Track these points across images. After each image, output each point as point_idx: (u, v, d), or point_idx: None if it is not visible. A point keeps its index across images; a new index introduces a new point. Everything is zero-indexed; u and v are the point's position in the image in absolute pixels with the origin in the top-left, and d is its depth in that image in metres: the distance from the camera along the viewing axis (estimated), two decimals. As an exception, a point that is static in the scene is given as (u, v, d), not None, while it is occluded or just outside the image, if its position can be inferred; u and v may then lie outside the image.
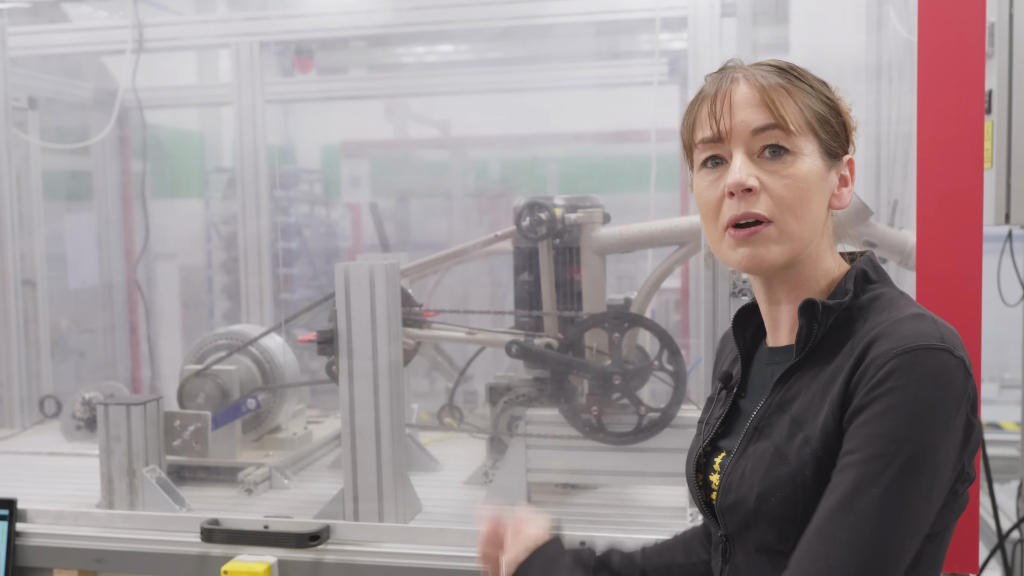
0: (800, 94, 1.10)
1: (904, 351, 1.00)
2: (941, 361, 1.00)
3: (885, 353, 1.01)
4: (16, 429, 3.22)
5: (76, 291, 3.81)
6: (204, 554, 2.07)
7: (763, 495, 1.07)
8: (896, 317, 1.06)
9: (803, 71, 1.14)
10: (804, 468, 1.05)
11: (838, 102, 1.15)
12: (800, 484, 1.05)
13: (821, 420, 1.05)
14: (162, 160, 4.12)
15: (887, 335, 1.03)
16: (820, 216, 1.11)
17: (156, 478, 2.29)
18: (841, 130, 1.13)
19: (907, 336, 1.02)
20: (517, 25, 3.25)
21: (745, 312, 1.24)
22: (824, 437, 1.04)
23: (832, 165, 1.12)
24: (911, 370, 1.00)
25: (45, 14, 3.37)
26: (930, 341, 1.01)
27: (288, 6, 3.46)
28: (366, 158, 4.61)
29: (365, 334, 2.11)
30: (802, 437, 1.06)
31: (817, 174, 1.09)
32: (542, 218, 2.33)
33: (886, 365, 1.00)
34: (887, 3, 2.45)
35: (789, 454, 1.07)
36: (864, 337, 1.06)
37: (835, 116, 1.13)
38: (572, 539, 1.96)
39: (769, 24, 3.06)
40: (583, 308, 2.37)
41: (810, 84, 1.12)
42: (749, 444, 1.12)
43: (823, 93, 1.13)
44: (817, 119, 1.10)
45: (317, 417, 3.09)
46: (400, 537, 2.06)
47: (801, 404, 1.09)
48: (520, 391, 2.46)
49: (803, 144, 1.08)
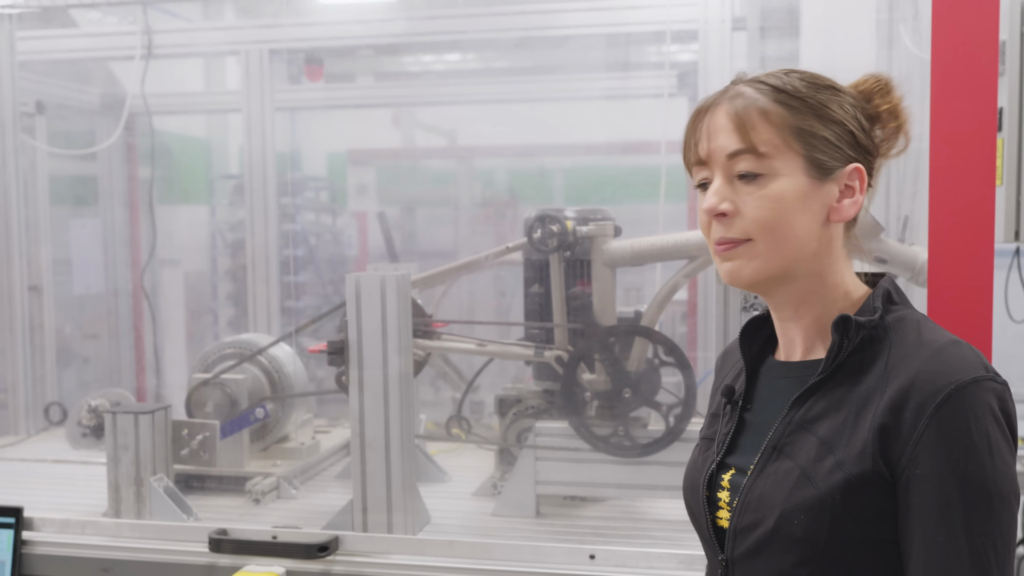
0: (782, 112, 1.07)
1: (959, 388, 0.99)
2: (993, 390, 1.01)
3: (939, 392, 1.00)
4: (21, 436, 3.21)
5: (81, 297, 3.80)
6: (212, 564, 2.06)
7: (785, 516, 1.04)
8: (936, 346, 1.04)
9: (797, 85, 1.09)
10: (834, 492, 1.03)
11: (838, 111, 1.09)
12: (828, 508, 1.03)
13: (859, 446, 1.03)
14: (169, 166, 4.12)
15: (932, 371, 1.01)
16: (807, 233, 1.08)
17: (164, 487, 2.29)
18: (843, 140, 1.08)
19: (955, 370, 1.01)
20: (528, 36, 3.26)
21: (754, 324, 1.22)
22: (860, 463, 1.02)
23: (824, 178, 1.07)
24: (974, 407, 0.99)
25: (55, 19, 3.37)
26: (978, 372, 1.01)
27: (300, 14, 3.47)
28: (373, 166, 4.61)
29: (376, 345, 2.10)
30: (833, 461, 1.04)
31: (796, 192, 1.07)
32: (553, 230, 2.33)
33: (945, 407, 0.99)
34: (898, 21, 2.46)
35: (816, 477, 1.04)
36: (901, 363, 1.04)
37: (832, 126, 1.08)
38: (581, 551, 1.96)
39: (780, 38, 3.07)
40: (593, 321, 2.37)
41: (803, 98, 1.08)
42: (768, 463, 1.09)
43: (819, 105, 1.08)
44: (799, 136, 1.07)
45: (324, 427, 3.08)
46: (409, 549, 2.05)
47: (830, 426, 1.06)
48: (529, 403, 2.46)
49: (780, 165, 1.06)
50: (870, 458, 1.02)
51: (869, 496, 1.02)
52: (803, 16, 2.53)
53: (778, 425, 1.10)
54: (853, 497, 1.02)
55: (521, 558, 1.98)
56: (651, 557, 1.92)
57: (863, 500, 1.02)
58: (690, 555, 1.92)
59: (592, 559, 1.94)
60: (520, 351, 2.44)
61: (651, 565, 1.92)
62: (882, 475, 1.02)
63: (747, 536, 1.08)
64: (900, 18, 2.45)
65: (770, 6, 3.14)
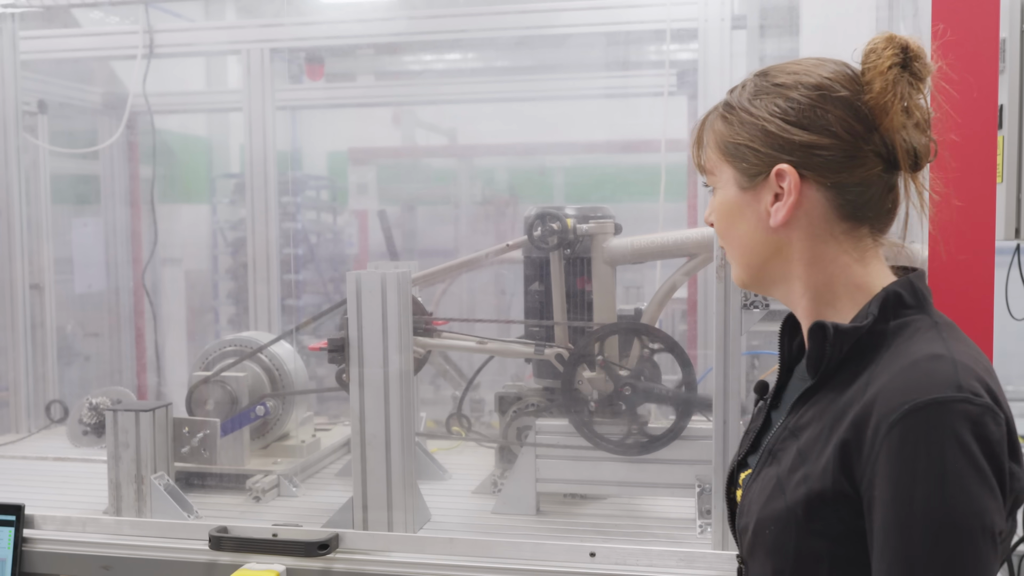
0: (722, 127, 1.09)
1: (913, 408, 0.91)
2: (961, 413, 0.90)
3: (894, 410, 0.92)
4: (23, 434, 3.22)
5: (82, 295, 3.81)
6: (212, 562, 2.06)
7: (760, 524, 1.04)
8: (911, 359, 0.96)
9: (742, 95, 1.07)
10: (797, 506, 0.99)
11: (761, 112, 1.05)
12: (792, 522, 0.99)
13: (823, 462, 0.98)
14: (170, 165, 4.12)
15: (895, 388, 0.94)
16: (752, 240, 1.08)
17: (164, 485, 2.29)
18: (763, 142, 1.05)
19: (916, 387, 0.92)
20: (528, 35, 3.26)
21: (793, 319, 1.17)
22: (822, 479, 0.97)
23: (751, 186, 1.06)
24: (929, 430, 0.90)
25: (57, 19, 3.37)
26: (945, 392, 0.91)
27: (301, 13, 3.47)
28: (373, 165, 4.61)
29: (376, 342, 2.11)
30: (802, 473, 1.00)
31: (730, 203, 1.09)
32: (554, 228, 2.33)
33: (897, 427, 0.91)
34: (898, 19, 2.46)
35: (787, 487, 1.01)
36: (879, 376, 0.97)
37: (751, 130, 1.05)
38: (582, 549, 1.97)
39: (780, 37, 3.07)
40: (594, 319, 2.37)
41: (738, 108, 1.07)
42: (763, 467, 1.08)
43: (743, 112, 1.06)
44: (727, 148, 1.08)
45: (325, 424, 3.09)
46: (410, 546, 2.05)
47: (809, 436, 1.02)
48: (530, 400, 2.46)
49: (719, 178, 1.11)
50: (831, 475, 0.97)
51: (833, 513, 0.97)
52: (803, 14, 2.53)
53: (776, 429, 1.10)
54: (815, 513, 0.98)
55: (522, 556, 1.98)
56: (652, 555, 1.93)
57: (826, 517, 0.97)
58: (690, 552, 1.92)
59: (593, 557, 1.94)
60: (521, 349, 2.44)
61: (651, 563, 1.92)
62: (844, 493, 0.96)
63: (743, 539, 1.09)
64: (900, 16, 2.45)
65: (770, 4, 3.14)
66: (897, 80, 1.01)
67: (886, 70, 1.01)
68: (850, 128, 1.03)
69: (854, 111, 1.03)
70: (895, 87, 1.01)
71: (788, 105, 1.04)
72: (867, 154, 1.03)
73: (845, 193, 1.04)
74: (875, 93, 1.02)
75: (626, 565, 1.93)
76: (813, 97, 1.04)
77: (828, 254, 1.06)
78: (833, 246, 1.06)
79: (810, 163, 1.04)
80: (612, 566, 1.93)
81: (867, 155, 1.03)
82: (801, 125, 1.04)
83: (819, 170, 1.04)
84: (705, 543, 2.06)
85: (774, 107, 1.05)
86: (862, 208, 1.05)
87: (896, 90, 1.01)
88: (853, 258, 1.06)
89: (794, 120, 1.04)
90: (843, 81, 1.04)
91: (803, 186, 1.04)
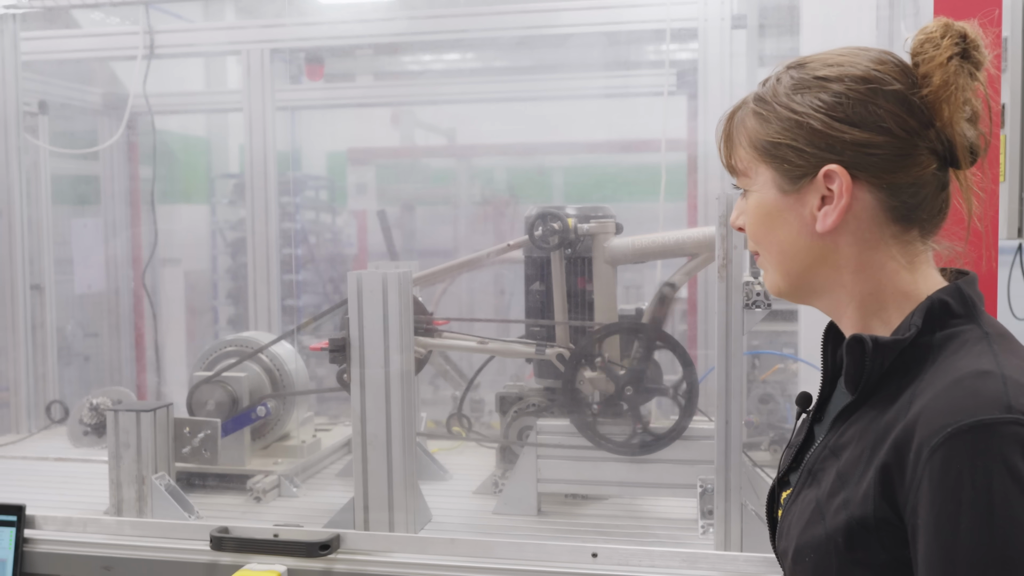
0: (756, 125, 1.01)
1: (956, 432, 0.83)
2: (1011, 436, 0.82)
3: (935, 433, 0.84)
4: (23, 434, 3.21)
5: (83, 296, 3.80)
6: (213, 562, 2.06)
7: (799, 551, 0.97)
8: (956, 376, 0.88)
9: (778, 90, 1.00)
10: (837, 533, 0.92)
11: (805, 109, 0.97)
12: (833, 550, 0.92)
13: (864, 487, 0.91)
14: (170, 166, 4.12)
15: (937, 408, 0.86)
16: (793, 247, 1.00)
17: (165, 485, 2.28)
18: (809, 142, 0.97)
19: (960, 408, 0.84)
20: (528, 35, 3.26)
21: (835, 328, 1.08)
22: (863, 506, 0.90)
23: (794, 189, 0.98)
24: (974, 456, 0.82)
25: (58, 20, 3.37)
26: (992, 413, 0.83)
27: (301, 14, 3.47)
28: (372, 165, 4.61)
29: (377, 343, 2.10)
30: (842, 498, 0.93)
31: (768, 207, 1.01)
32: (555, 228, 2.33)
33: (939, 451, 0.84)
34: (899, 18, 2.46)
35: (827, 513, 0.94)
36: (923, 394, 0.89)
37: (796, 130, 0.97)
38: (583, 550, 1.97)
39: (780, 36, 3.07)
40: (595, 318, 2.37)
41: (774, 104, 0.99)
42: (803, 488, 1.00)
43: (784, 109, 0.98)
44: (764, 148, 1.00)
45: (325, 425, 3.09)
46: (411, 547, 2.05)
47: (849, 457, 0.95)
48: (531, 401, 2.46)
49: (753, 179, 1.02)
50: (872, 501, 0.90)
51: (876, 542, 0.90)
52: (803, 14, 2.53)
53: (816, 447, 1.02)
54: (857, 541, 0.91)
55: (523, 556, 1.97)
56: (654, 555, 1.92)
57: (868, 546, 0.91)
58: (693, 553, 1.92)
59: (594, 557, 1.94)
60: (521, 349, 2.44)
61: (654, 563, 1.92)
62: (887, 520, 0.89)
63: (783, 562, 1.03)
64: (901, 15, 2.45)
65: (770, 4, 3.14)
66: (958, 72, 0.94)
67: (946, 62, 0.93)
68: (904, 124, 0.95)
69: (908, 105, 0.95)
70: (956, 79, 0.93)
71: (835, 100, 0.96)
72: (922, 151, 0.95)
73: (899, 194, 0.96)
74: (934, 87, 0.94)
75: (628, 566, 1.93)
76: (862, 91, 0.95)
77: (876, 260, 0.98)
78: (882, 252, 0.98)
79: (862, 163, 0.95)
80: (614, 567, 1.93)
81: (922, 152, 0.95)
82: (851, 122, 0.95)
83: (872, 170, 0.95)
84: (707, 544, 2.06)
85: (818, 102, 0.96)
86: (915, 210, 0.97)
87: (958, 83, 0.94)
88: (901, 264, 0.98)
89: (843, 116, 0.95)
90: (893, 73, 0.96)
91: (854, 188, 0.96)
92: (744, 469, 1.98)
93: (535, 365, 2.50)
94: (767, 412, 2.75)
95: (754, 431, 2.70)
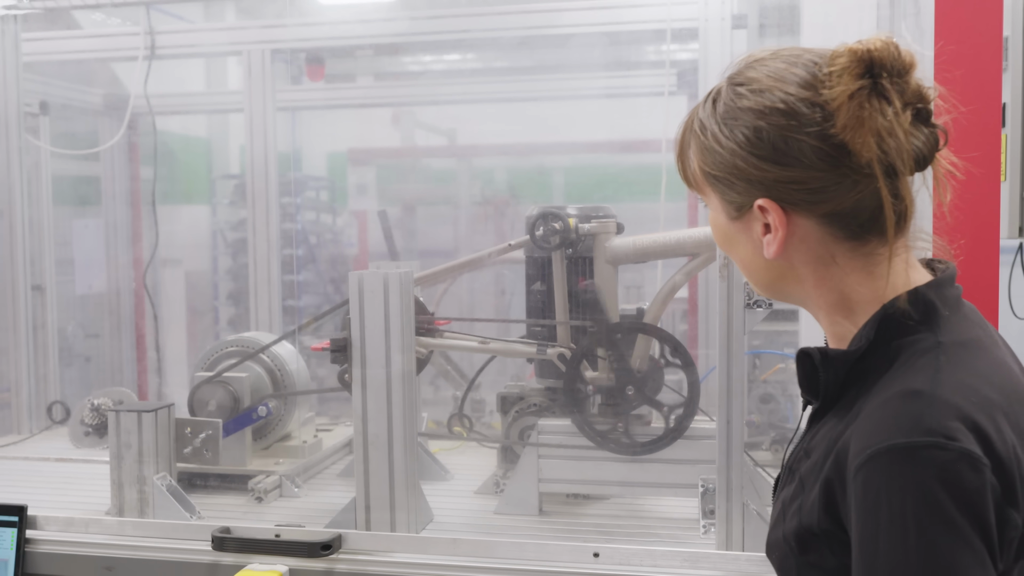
0: (697, 150, 0.99)
1: (874, 455, 0.84)
2: (926, 460, 0.82)
3: (858, 454, 0.85)
4: (24, 435, 3.21)
5: (83, 296, 3.81)
6: (215, 563, 2.06)
7: (769, 548, 1.01)
8: (887, 395, 0.88)
9: (714, 115, 0.96)
10: (791, 537, 0.95)
11: (728, 143, 0.95)
12: (789, 552, 0.95)
13: (812, 497, 0.93)
14: (170, 166, 4.12)
15: (862, 429, 0.87)
16: (754, 264, 1.01)
17: (167, 485, 2.29)
18: (741, 176, 0.95)
19: (882, 429, 0.85)
20: (528, 36, 3.26)
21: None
22: (810, 514, 0.92)
23: (741, 217, 0.98)
24: (889, 480, 0.82)
25: (59, 20, 3.37)
26: (910, 436, 0.83)
27: (302, 14, 3.47)
28: (373, 166, 4.61)
29: (378, 343, 2.10)
30: (798, 504, 0.95)
31: (723, 227, 1.02)
32: (556, 228, 2.33)
33: (860, 473, 0.85)
34: (900, 18, 2.46)
35: (787, 515, 0.97)
36: (865, 409, 0.90)
37: (732, 169, 0.95)
38: (585, 550, 1.97)
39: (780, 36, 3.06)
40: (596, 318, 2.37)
41: (709, 137, 0.96)
42: (784, 486, 1.03)
43: (713, 142, 0.96)
44: (707, 176, 0.99)
45: (326, 425, 3.09)
46: (413, 547, 2.05)
47: (811, 463, 0.96)
48: (532, 400, 2.46)
49: (708, 198, 1.03)
50: (816, 512, 0.91)
51: (824, 549, 0.91)
52: (803, 13, 2.53)
53: (797, 446, 1.04)
54: (807, 546, 0.93)
55: (525, 556, 1.97)
56: (656, 555, 1.92)
57: (818, 550, 0.92)
58: (695, 553, 1.92)
59: (596, 557, 1.94)
60: (523, 349, 2.44)
61: (655, 563, 1.92)
62: (831, 531, 0.90)
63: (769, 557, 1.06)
64: (901, 14, 2.45)
65: (770, 3, 3.14)
66: (862, 106, 0.88)
67: (847, 100, 0.88)
68: (825, 156, 0.91)
69: (827, 138, 0.90)
70: (860, 114, 0.88)
71: (756, 137, 0.93)
72: (853, 177, 0.91)
73: (838, 219, 0.94)
74: (839, 126, 0.89)
75: (630, 565, 1.93)
76: (782, 125, 0.91)
77: (835, 274, 0.97)
78: (840, 266, 0.97)
79: (790, 197, 0.93)
80: (616, 566, 1.93)
81: (853, 178, 0.91)
82: (773, 159, 0.92)
83: (802, 204, 0.93)
84: (709, 543, 2.06)
85: (742, 138, 0.94)
86: (863, 226, 0.94)
87: (861, 118, 0.88)
88: (865, 273, 0.96)
89: (764, 154, 0.93)
90: (812, 98, 0.91)
91: (792, 216, 0.94)
92: (745, 469, 1.98)
93: (536, 365, 2.50)
94: (768, 412, 2.75)
95: (755, 431, 2.70)
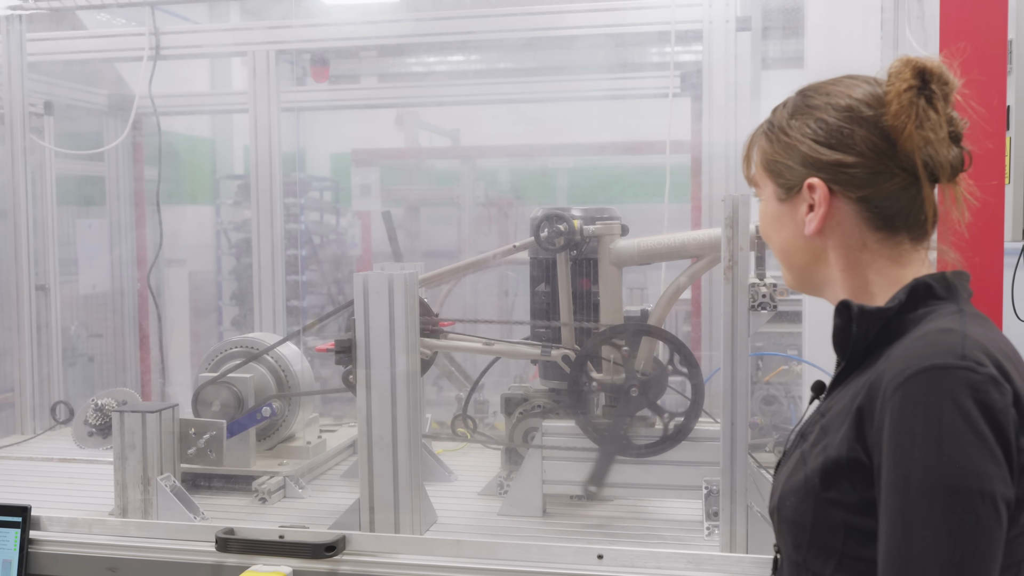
0: (765, 144, 1.20)
1: (915, 373, 0.96)
2: (961, 379, 0.95)
3: (898, 375, 0.98)
4: (28, 435, 3.22)
5: (87, 296, 3.81)
6: (219, 563, 2.06)
7: (783, 497, 1.10)
8: (922, 332, 1.02)
9: (782, 115, 1.18)
10: (814, 475, 1.05)
11: (794, 133, 1.15)
12: (810, 491, 1.05)
13: (842, 432, 1.03)
14: (175, 166, 4.13)
15: (902, 356, 1.00)
16: (791, 247, 1.19)
17: (170, 486, 2.29)
18: (796, 159, 1.15)
19: (920, 355, 0.98)
20: (533, 37, 3.27)
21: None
22: (839, 448, 1.03)
23: (788, 199, 1.17)
24: (928, 394, 0.95)
25: (64, 21, 3.38)
26: (947, 359, 0.96)
27: (307, 15, 3.48)
28: (377, 166, 4.62)
29: (383, 344, 2.11)
30: (823, 445, 1.06)
31: (770, 213, 1.21)
32: (561, 229, 2.33)
33: (899, 391, 0.97)
34: (904, 21, 2.46)
35: (809, 459, 1.07)
36: (895, 351, 1.03)
37: (787, 150, 1.16)
38: (589, 551, 1.97)
39: (784, 39, 3.07)
40: (600, 320, 2.37)
41: (777, 128, 1.18)
42: (794, 449, 1.15)
43: (781, 132, 1.17)
44: (769, 165, 1.19)
45: (330, 426, 3.09)
46: (417, 548, 2.05)
47: (833, 412, 1.08)
48: (536, 402, 2.46)
49: (762, 190, 1.22)
50: (847, 443, 1.02)
51: (848, 482, 1.02)
52: (808, 16, 2.53)
53: (811, 414, 1.16)
54: (831, 481, 1.03)
55: (529, 558, 1.97)
56: (660, 557, 1.92)
57: (841, 486, 1.02)
58: (699, 555, 1.92)
59: (600, 559, 1.94)
60: (527, 350, 2.44)
61: (660, 565, 1.92)
62: (858, 461, 1.01)
63: (774, 521, 1.15)
64: (905, 18, 2.45)
65: (774, 6, 3.14)
66: (912, 102, 1.07)
67: (900, 93, 1.08)
68: (874, 146, 1.10)
69: (879, 130, 1.10)
70: (909, 109, 1.07)
71: (818, 126, 1.14)
72: (893, 169, 1.10)
73: (873, 206, 1.12)
74: (890, 114, 1.09)
75: (634, 567, 1.93)
76: (840, 118, 1.12)
77: (863, 260, 1.14)
78: (868, 254, 1.13)
79: (838, 179, 1.12)
80: (620, 568, 1.93)
81: (893, 171, 1.10)
82: (829, 145, 1.13)
83: (847, 185, 1.12)
84: (713, 545, 2.06)
85: (806, 128, 1.15)
86: (893, 219, 1.12)
87: (910, 111, 1.07)
88: (888, 263, 1.13)
89: (823, 140, 1.13)
90: (870, 101, 1.12)
91: (833, 199, 1.13)
92: (749, 470, 1.98)
93: (540, 366, 2.50)
94: (771, 413, 2.75)
95: (759, 432, 2.70)
